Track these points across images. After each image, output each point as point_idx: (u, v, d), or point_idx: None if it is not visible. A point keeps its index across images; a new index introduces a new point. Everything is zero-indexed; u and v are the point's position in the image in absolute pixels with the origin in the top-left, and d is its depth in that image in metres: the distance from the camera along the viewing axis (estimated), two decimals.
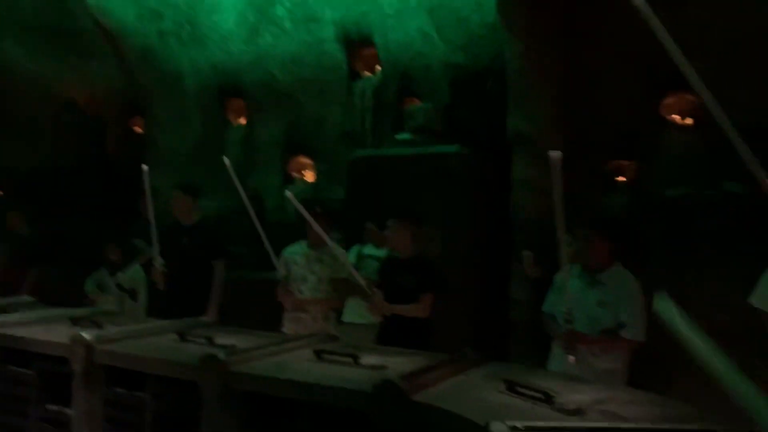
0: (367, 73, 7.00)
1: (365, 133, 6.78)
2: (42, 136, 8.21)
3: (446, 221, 5.38)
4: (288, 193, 3.91)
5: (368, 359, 3.04)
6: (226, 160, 4.13)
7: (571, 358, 3.26)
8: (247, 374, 2.79)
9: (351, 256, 5.01)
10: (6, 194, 7.90)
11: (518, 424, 1.97)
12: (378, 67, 6.93)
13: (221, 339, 3.47)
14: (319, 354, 3.06)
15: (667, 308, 1.84)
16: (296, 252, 4.33)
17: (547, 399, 2.33)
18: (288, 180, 7.34)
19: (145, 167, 4.43)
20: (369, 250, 4.94)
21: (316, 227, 3.70)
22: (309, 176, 7.39)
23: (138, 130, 8.38)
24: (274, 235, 4.29)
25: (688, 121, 5.30)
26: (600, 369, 3.34)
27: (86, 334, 3.29)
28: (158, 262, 4.49)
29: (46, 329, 3.74)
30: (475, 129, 5.82)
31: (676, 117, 5.20)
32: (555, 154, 2.85)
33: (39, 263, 5.46)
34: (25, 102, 8.07)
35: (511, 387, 2.52)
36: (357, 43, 6.84)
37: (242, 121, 7.71)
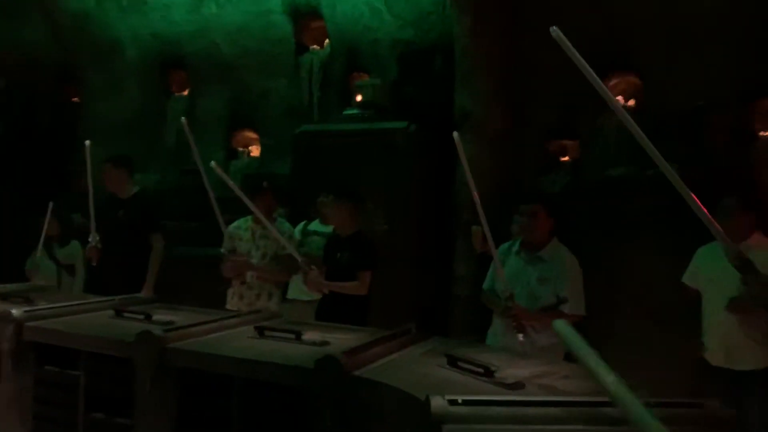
0: (315, 47, 6.87)
1: (312, 108, 6.66)
2: None
3: (392, 197, 5.37)
4: (213, 163, 3.81)
5: (310, 336, 3.02)
6: (184, 120, 3.99)
7: (520, 336, 3.30)
8: (184, 350, 2.73)
9: (296, 232, 4.94)
10: None
11: (458, 398, 1.98)
12: (326, 41, 6.80)
13: (160, 316, 3.37)
14: (260, 330, 3.02)
15: (564, 327, 1.94)
16: (241, 227, 4.25)
17: (488, 373, 2.35)
18: (232, 155, 7.17)
19: (87, 142, 4.25)
20: (314, 226, 4.87)
21: (245, 200, 3.63)
22: (255, 151, 7.23)
23: (73, 99, 8.00)
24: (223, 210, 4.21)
25: (630, 102, 5.42)
26: (541, 345, 3.41)
27: (15, 311, 3.15)
28: (93, 237, 4.33)
29: None
30: (422, 106, 5.80)
31: (619, 98, 5.30)
32: (456, 135, 3.21)
33: None
34: None
35: (453, 362, 2.54)
36: (305, 16, 6.68)
37: (184, 93, 7.47)
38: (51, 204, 4.81)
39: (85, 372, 2.98)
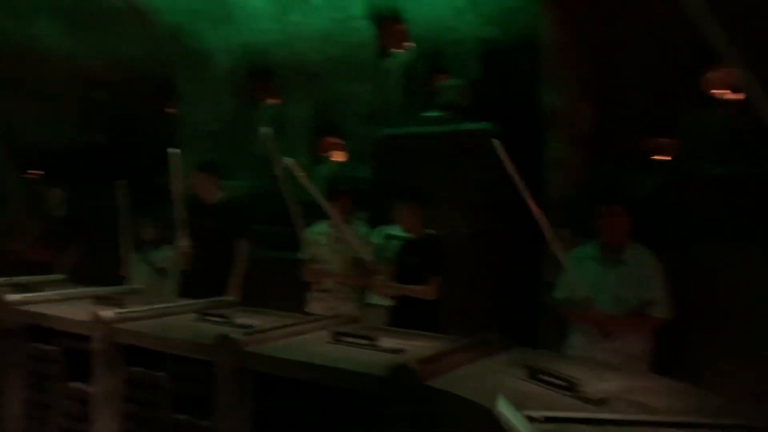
0: (397, 50, 6.84)
1: (393, 112, 6.63)
2: (73, 115, 8.30)
3: (475, 201, 5.24)
4: (290, 162, 3.82)
5: (386, 342, 2.96)
6: (265, 130, 4.07)
7: (606, 341, 3.11)
8: (261, 354, 2.74)
9: (376, 237, 4.92)
10: (43, 174, 8.03)
11: (536, 414, 1.86)
12: (408, 44, 6.75)
13: (241, 319, 3.43)
14: (336, 336, 3.00)
15: (507, 408, 1.87)
16: (319, 232, 4.27)
17: (571, 387, 2.21)
18: (317, 160, 7.26)
19: (173, 150, 4.42)
20: (394, 230, 4.82)
21: (322, 203, 3.62)
22: (338, 156, 7.29)
23: (169, 110, 8.39)
24: (307, 215, 4.25)
25: (733, 96, 5.02)
26: (627, 352, 3.19)
27: (106, 313, 3.29)
28: (182, 242, 4.47)
29: (71, 307, 3.77)
30: (506, 106, 5.63)
31: (719, 92, 4.92)
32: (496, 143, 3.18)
33: (75, 242, 5.50)
34: (57, 81, 8.14)
35: (533, 374, 2.41)
36: (386, 19, 6.67)
37: (273, 101, 7.64)
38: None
39: (169, 373, 3.07)
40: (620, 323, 3.23)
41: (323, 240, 4.23)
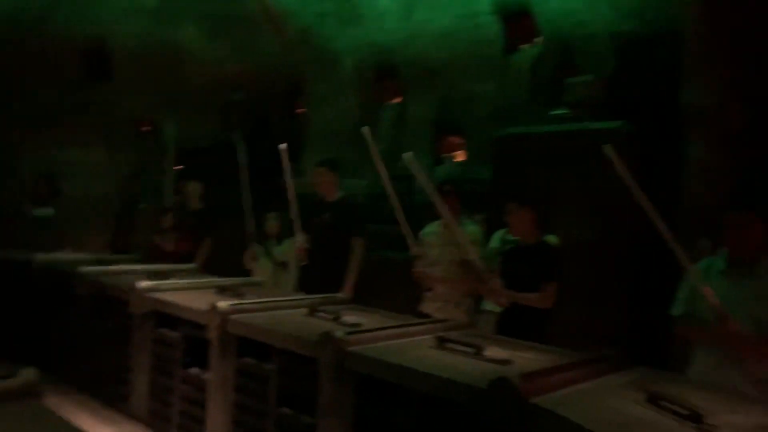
0: (525, 46, 6.58)
1: (519, 110, 6.39)
2: (212, 115, 8.82)
3: (603, 205, 4.90)
4: (406, 156, 3.72)
5: (493, 351, 2.81)
6: (366, 130, 4.05)
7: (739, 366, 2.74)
8: (362, 355, 2.69)
9: (494, 241, 4.74)
10: (183, 169, 8.60)
11: None
12: (536, 39, 6.48)
13: (349, 317, 3.42)
14: (441, 341, 2.89)
15: None
16: (431, 232, 4.18)
17: (695, 418, 1.96)
18: (438, 160, 7.18)
19: (282, 145, 4.51)
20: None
21: (435, 200, 3.49)
22: (460, 156, 7.16)
23: (300, 110, 8.68)
24: (423, 215, 4.18)
25: None
26: (764, 380, 2.78)
27: (221, 304, 3.41)
28: (300, 238, 4.56)
29: (193, 296, 3.96)
30: (641, 104, 5.21)
31: None
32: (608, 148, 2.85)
33: (211, 234, 5.77)
34: (198, 84, 8.69)
35: (654, 399, 2.16)
36: (514, 14, 6.44)
37: (396, 100, 7.66)
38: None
39: (277, 367, 3.11)
40: (757, 346, 2.82)
41: (434, 240, 4.13)
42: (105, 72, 8.80)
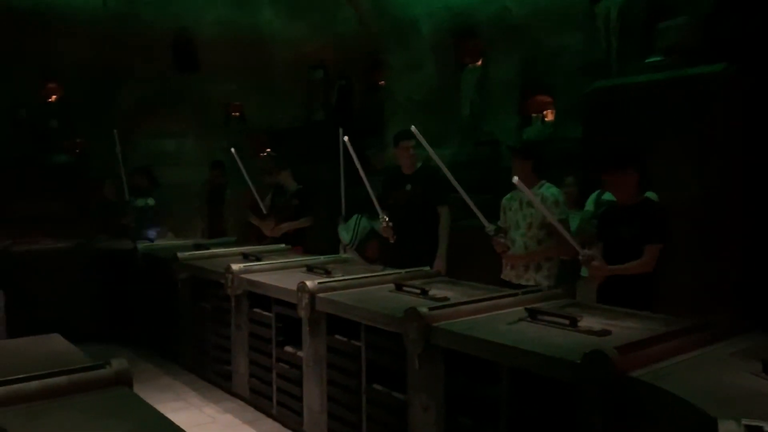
0: None
1: (609, 61, 5.99)
2: (295, 95, 8.91)
3: (706, 158, 4.52)
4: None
5: (589, 322, 2.66)
6: (414, 129, 3.96)
7: None
8: (448, 331, 2.62)
9: (589, 203, 4.49)
10: (272, 152, 8.78)
11: (764, 425, 1.48)
12: None
13: (437, 291, 3.36)
14: (532, 314, 2.77)
15: None
16: (512, 198, 4.01)
17: None
18: (525, 121, 6.89)
19: (345, 138, 4.49)
20: (609, 195, 4.32)
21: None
22: (549, 115, 6.84)
23: (380, 83, 8.60)
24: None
25: None
26: None
27: (309, 282, 3.43)
28: (382, 217, 4.53)
29: (284, 276, 4.03)
30: (744, 44, 4.72)
31: None
32: None
33: (307, 214, 5.84)
34: (280, 65, 8.80)
35: None
36: None
37: (477, 63, 7.41)
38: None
39: (365, 344, 3.10)
40: None
41: (514, 205, 3.96)
42: (192, 61, 9.10)
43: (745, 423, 1.47)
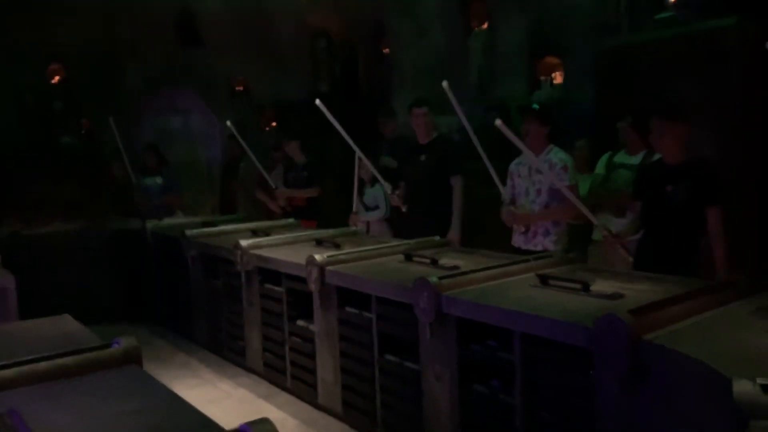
0: None
1: (621, 19, 5.82)
2: (300, 67, 8.78)
3: (722, 116, 4.41)
4: (445, 83, 3.47)
5: (601, 286, 2.61)
6: (445, 84, 3.85)
7: None
8: (458, 299, 2.59)
9: (600, 167, 4.40)
10: (278, 125, 8.72)
11: None
12: None
13: (447, 260, 3.32)
14: (543, 279, 2.72)
15: None
16: (519, 163, 3.94)
17: None
18: (535, 85, 6.76)
19: (317, 101, 4.42)
20: (620, 157, 4.24)
21: (506, 132, 3.20)
22: (558, 78, 6.70)
23: (385, 51, 8.47)
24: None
25: None
26: None
27: (318, 256, 3.40)
28: (386, 187, 4.50)
29: (293, 250, 4.00)
30: None
31: None
32: None
33: (316, 186, 5.80)
34: (283, 34, 8.65)
35: None
36: None
37: (484, 26, 7.25)
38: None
39: (377, 315, 3.08)
40: None
41: (522, 171, 3.89)
42: (196, 37, 9.00)
43: (760, 382, 1.43)
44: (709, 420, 1.67)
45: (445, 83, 3.63)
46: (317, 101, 4.42)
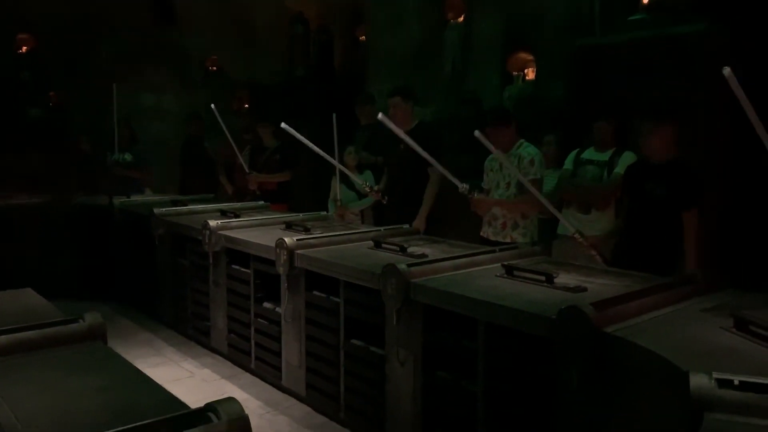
0: None
1: (593, 20, 5.90)
2: (276, 50, 8.69)
3: (691, 119, 4.51)
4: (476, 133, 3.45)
5: (565, 279, 2.68)
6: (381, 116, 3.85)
7: None
8: (427, 287, 2.63)
9: (568, 162, 4.47)
10: (251, 107, 8.63)
11: (733, 378, 1.50)
12: None
13: (416, 248, 3.35)
14: (509, 270, 2.78)
15: None
16: (492, 158, 3.99)
17: None
18: (507, 79, 6.82)
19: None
20: (588, 154, 4.32)
21: (480, 137, 3.28)
22: (531, 74, 6.77)
23: (361, 38, 8.44)
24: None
25: None
26: None
27: (287, 239, 3.41)
28: (362, 183, 4.52)
29: (263, 233, 3.99)
30: (732, 2, 4.68)
31: None
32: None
33: (288, 171, 5.76)
34: (262, 16, 8.55)
35: (742, 324, 1.99)
36: None
37: (460, 19, 7.27)
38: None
39: (344, 300, 3.10)
40: None
41: (494, 165, 3.96)
42: (170, 15, 8.84)
43: (716, 376, 1.49)
44: (666, 411, 1.74)
45: (381, 115, 3.65)
46: (283, 124, 4.35)
